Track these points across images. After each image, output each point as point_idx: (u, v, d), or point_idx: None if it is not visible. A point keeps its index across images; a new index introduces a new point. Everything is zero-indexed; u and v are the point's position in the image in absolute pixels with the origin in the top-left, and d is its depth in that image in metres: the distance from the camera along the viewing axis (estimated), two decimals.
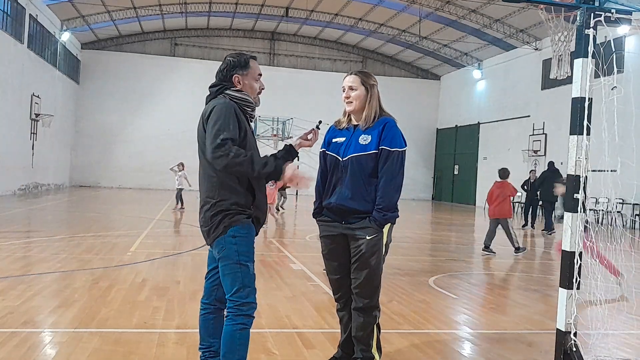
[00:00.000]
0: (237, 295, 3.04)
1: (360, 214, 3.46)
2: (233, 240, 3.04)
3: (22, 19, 22.74)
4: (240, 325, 3.03)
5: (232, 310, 3.04)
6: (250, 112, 3.22)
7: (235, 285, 3.04)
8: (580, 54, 3.54)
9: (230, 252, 3.05)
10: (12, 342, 4.07)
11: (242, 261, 3.06)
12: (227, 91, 3.16)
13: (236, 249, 3.05)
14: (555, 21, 3.92)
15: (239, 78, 3.19)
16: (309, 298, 6.01)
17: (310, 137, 3.49)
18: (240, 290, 3.04)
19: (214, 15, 30.88)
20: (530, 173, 17.54)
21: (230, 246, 3.05)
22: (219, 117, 2.98)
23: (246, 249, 3.09)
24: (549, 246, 12.83)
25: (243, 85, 3.20)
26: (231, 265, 3.05)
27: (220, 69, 3.22)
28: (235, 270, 3.05)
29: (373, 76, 3.65)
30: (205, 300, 3.33)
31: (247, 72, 3.21)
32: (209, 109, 3.09)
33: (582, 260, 3.53)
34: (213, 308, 3.29)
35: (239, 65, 3.20)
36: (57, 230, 10.91)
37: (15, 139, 22.32)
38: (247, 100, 3.18)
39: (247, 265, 3.08)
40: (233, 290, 3.04)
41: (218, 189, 3.06)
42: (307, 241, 11.47)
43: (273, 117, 29.52)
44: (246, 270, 3.07)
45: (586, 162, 3.55)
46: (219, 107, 3.04)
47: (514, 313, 5.82)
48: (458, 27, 27.76)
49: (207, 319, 3.31)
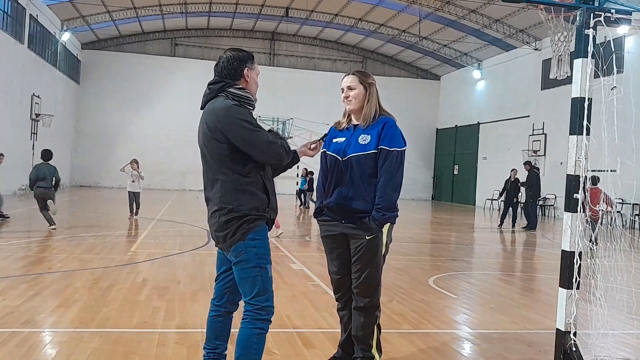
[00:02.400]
0: (257, 299, 2.98)
1: (360, 214, 3.47)
2: (253, 243, 2.99)
3: (22, 19, 22.74)
4: (258, 330, 2.98)
5: (251, 314, 2.98)
6: (251, 110, 3.17)
7: (255, 289, 2.98)
8: (580, 54, 3.54)
9: (251, 256, 2.99)
10: (12, 341, 4.07)
11: (262, 264, 3.01)
12: (230, 89, 3.06)
13: (256, 252, 2.99)
14: (555, 21, 3.93)
15: (249, 71, 3.13)
16: (309, 298, 6.01)
17: (314, 148, 3.48)
18: (260, 294, 2.99)
19: (214, 16, 30.89)
20: (512, 172, 17.47)
21: (250, 249, 2.98)
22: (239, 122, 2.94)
23: (265, 251, 3.04)
24: (549, 246, 12.83)
25: (250, 80, 3.15)
26: (251, 268, 2.99)
27: (229, 63, 3.09)
28: (255, 273, 2.99)
29: (371, 75, 3.66)
30: (216, 302, 3.26)
31: (254, 67, 3.18)
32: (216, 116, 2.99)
33: (581, 260, 3.53)
34: (223, 311, 3.23)
35: (249, 58, 3.15)
36: (58, 230, 10.91)
37: (16, 139, 22.31)
38: (249, 98, 3.12)
39: (267, 267, 3.03)
40: (253, 293, 2.98)
41: (234, 193, 2.98)
42: (307, 241, 11.48)
43: (273, 117, 29.54)
44: (265, 273, 3.02)
45: (586, 162, 3.56)
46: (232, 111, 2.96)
47: (513, 313, 5.83)
48: (458, 27, 27.76)
49: (216, 321, 3.24)
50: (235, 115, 2.96)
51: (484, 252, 11.74)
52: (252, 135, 2.94)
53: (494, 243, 13.63)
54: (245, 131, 2.94)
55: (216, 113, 2.99)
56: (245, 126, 2.94)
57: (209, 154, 3.05)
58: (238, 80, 3.11)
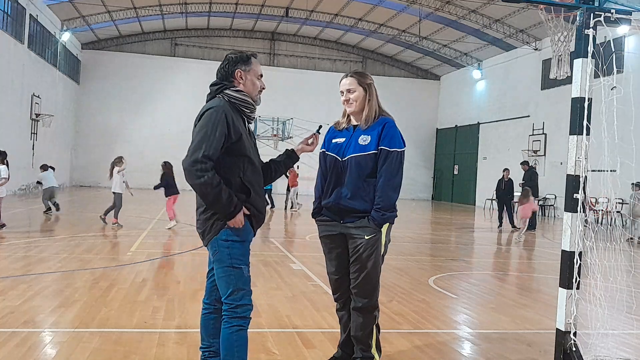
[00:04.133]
0: (232, 298, 3.03)
1: (359, 214, 3.47)
2: (225, 244, 3.03)
3: (22, 19, 22.74)
4: (236, 327, 3.03)
5: (228, 313, 3.04)
6: (249, 114, 3.18)
7: (229, 288, 3.04)
8: (580, 54, 3.54)
9: (223, 256, 3.04)
10: (12, 341, 4.07)
11: (235, 264, 3.04)
12: (227, 91, 3.12)
13: (229, 252, 3.03)
14: (555, 21, 3.93)
15: (241, 73, 3.15)
16: (309, 298, 6.01)
17: (311, 142, 3.52)
18: (234, 293, 3.03)
19: (214, 16, 30.89)
20: (504, 172, 17.44)
21: (223, 250, 3.03)
22: (205, 126, 2.96)
23: (240, 252, 3.07)
24: (549, 246, 12.84)
25: (245, 81, 3.16)
26: (224, 268, 3.04)
27: (222, 66, 3.19)
28: (228, 273, 3.04)
29: (369, 75, 3.67)
30: (206, 300, 3.33)
31: (250, 69, 3.18)
32: (201, 112, 3.07)
33: (582, 260, 3.53)
34: (213, 308, 3.28)
35: (241, 60, 3.17)
36: (58, 230, 10.91)
37: (16, 139, 22.30)
38: (246, 101, 3.13)
39: (241, 268, 3.06)
40: (227, 292, 3.04)
41: None
42: (307, 241, 11.48)
43: (273, 117, 29.54)
44: (240, 273, 3.05)
45: (586, 162, 3.56)
46: (209, 113, 3.00)
47: (513, 313, 5.83)
48: (458, 27, 27.76)
49: (208, 319, 3.30)
50: (212, 115, 2.99)
51: (484, 252, 11.74)
52: (196, 140, 2.95)
53: (493, 243, 13.63)
54: (201, 132, 2.96)
55: (204, 109, 3.07)
56: (203, 129, 2.96)
57: None
58: (232, 82, 3.15)
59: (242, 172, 3.08)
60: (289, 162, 3.49)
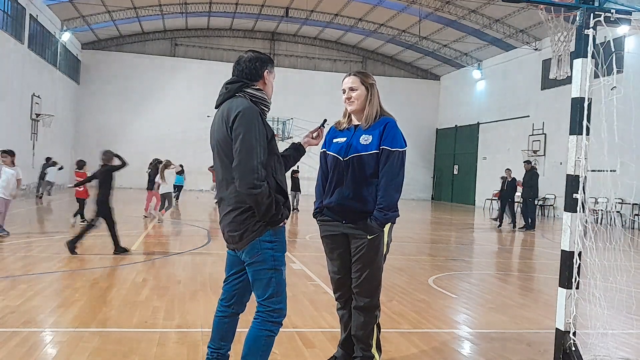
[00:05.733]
0: (270, 301, 2.97)
1: (361, 214, 3.47)
2: (269, 245, 2.95)
3: (22, 19, 22.73)
4: (268, 332, 2.96)
5: (262, 315, 2.97)
6: (267, 112, 3.10)
7: (268, 291, 2.97)
8: (580, 54, 3.54)
9: (267, 257, 2.95)
10: (13, 341, 4.08)
11: (277, 266, 2.98)
12: (248, 89, 3.02)
13: (272, 253, 2.96)
14: (555, 21, 3.93)
15: (268, 74, 3.11)
16: (309, 298, 6.01)
17: (316, 136, 3.49)
18: (274, 296, 2.97)
19: (214, 16, 30.89)
20: (506, 172, 17.47)
21: (267, 251, 2.95)
22: (247, 130, 2.82)
23: (281, 254, 3.02)
24: (549, 246, 12.84)
25: (268, 83, 3.12)
26: (266, 270, 2.96)
27: (251, 64, 3.05)
28: (270, 275, 2.97)
29: (371, 76, 3.67)
30: (224, 303, 3.23)
31: (273, 70, 3.16)
32: (233, 112, 2.89)
33: (581, 260, 3.53)
34: (230, 312, 3.21)
35: (270, 61, 3.13)
36: (58, 230, 10.91)
37: (16, 139, 22.28)
38: (265, 100, 3.07)
39: (281, 270, 3.01)
40: (266, 295, 2.97)
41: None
42: (307, 241, 11.48)
43: (273, 117, 29.55)
44: (280, 276, 3.00)
45: (586, 162, 3.56)
46: (244, 116, 2.85)
47: (513, 313, 5.83)
48: (458, 27, 27.77)
49: (222, 322, 3.22)
50: (249, 116, 2.86)
51: (483, 252, 11.74)
52: (246, 146, 2.81)
53: (493, 243, 13.64)
54: (246, 136, 2.82)
55: (236, 110, 2.91)
56: (249, 133, 2.82)
57: (225, 154, 2.96)
58: (257, 82, 3.07)
59: (275, 172, 3.01)
60: (297, 155, 3.44)
